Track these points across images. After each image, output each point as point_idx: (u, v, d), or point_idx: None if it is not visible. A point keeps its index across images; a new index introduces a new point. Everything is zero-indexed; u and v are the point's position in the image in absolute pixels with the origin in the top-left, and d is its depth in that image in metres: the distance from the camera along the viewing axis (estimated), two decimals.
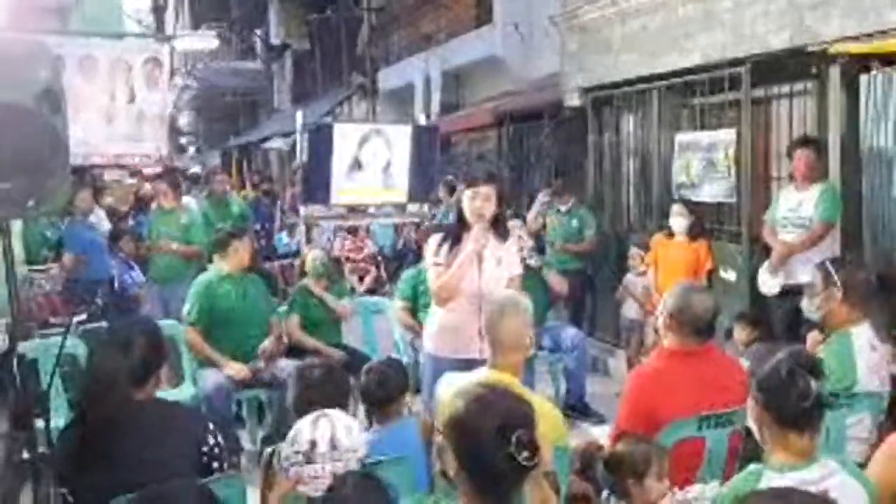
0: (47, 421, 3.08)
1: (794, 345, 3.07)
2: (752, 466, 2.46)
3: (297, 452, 2.71)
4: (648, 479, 2.94)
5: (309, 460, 2.68)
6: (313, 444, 2.70)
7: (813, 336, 4.21)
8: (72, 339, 4.93)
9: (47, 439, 3.03)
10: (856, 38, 5.40)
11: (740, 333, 5.30)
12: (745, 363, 3.42)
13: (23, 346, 3.27)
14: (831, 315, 3.67)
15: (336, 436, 2.71)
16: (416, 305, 6.03)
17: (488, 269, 4.16)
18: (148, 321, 3.19)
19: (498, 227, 4.29)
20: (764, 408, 2.46)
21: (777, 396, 2.43)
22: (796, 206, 5.56)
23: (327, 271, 6.36)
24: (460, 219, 4.26)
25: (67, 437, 2.81)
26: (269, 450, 3.16)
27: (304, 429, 2.76)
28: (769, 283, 5.63)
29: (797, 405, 2.40)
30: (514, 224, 6.08)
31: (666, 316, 3.38)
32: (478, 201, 4.17)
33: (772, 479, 2.33)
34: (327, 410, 2.85)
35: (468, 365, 3.99)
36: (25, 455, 3.06)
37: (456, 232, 4.26)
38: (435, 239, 4.35)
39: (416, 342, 5.69)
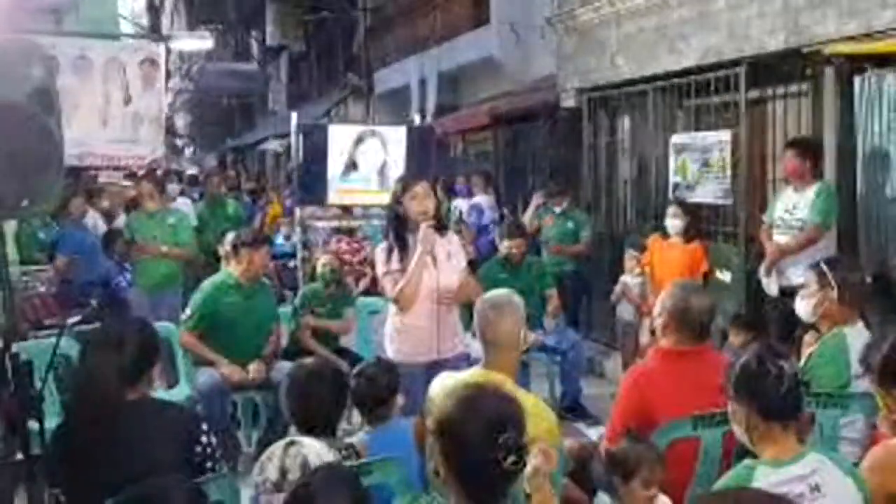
0: (41, 422, 3.08)
1: (787, 347, 3.08)
2: (745, 462, 2.47)
3: (265, 481, 2.70)
4: (634, 482, 2.94)
5: (279, 488, 2.65)
6: (283, 472, 2.67)
7: (808, 337, 4.21)
8: (66, 340, 4.91)
9: (41, 441, 3.02)
10: (850, 40, 5.41)
11: (735, 337, 5.28)
12: None
13: (17, 348, 3.26)
14: (826, 315, 3.67)
15: (307, 463, 2.68)
16: None
17: (441, 265, 4.23)
18: (141, 320, 3.17)
19: (437, 222, 4.33)
20: (744, 405, 2.48)
21: (753, 389, 2.46)
22: (792, 207, 5.55)
23: (336, 277, 6.36)
24: (399, 223, 4.29)
25: (59, 436, 2.80)
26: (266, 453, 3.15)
27: (275, 456, 2.74)
28: (769, 284, 5.63)
29: (775, 391, 2.43)
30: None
31: (665, 316, 3.37)
32: (418, 201, 4.22)
33: (765, 475, 2.34)
34: (298, 437, 2.83)
35: (432, 367, 4.05)
36: (19, 456, 3.06)
37: (400, 237, 4.30)
38: (382, 249, 4.38)
39: None
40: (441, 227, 4.35)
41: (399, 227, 4.30)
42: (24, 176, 2.86)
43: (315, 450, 2.75)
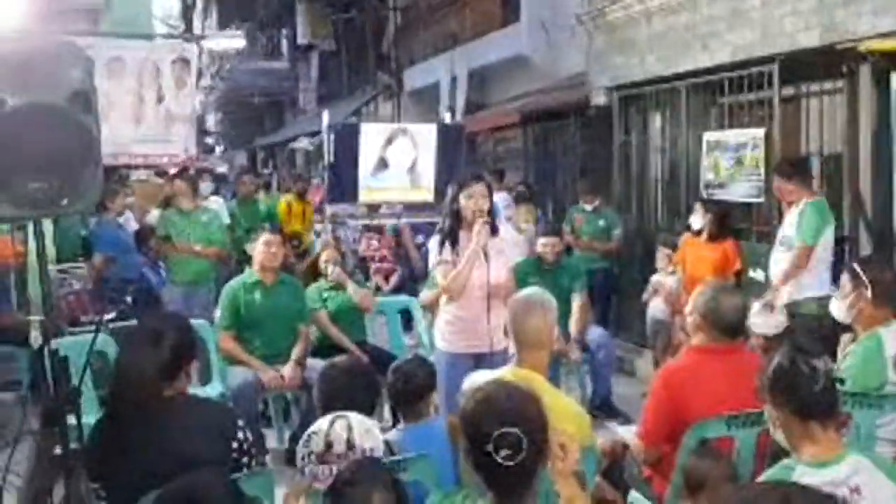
0: (79, 417, 3.12)
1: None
2: (785, 461, 2.45)
3: (311, 453, 2.73)
4: (700, 497, 2.93)
5: (324, 461, 2.69)
6: (329, 444, 2.71)
7: (845, 339, 4.17)
8: (102, 337, 4.97)
9: (79, 435, 3.06)
10: (886, 36, 5.34)
11: (756, 338, 5.22)
12: None
13: (54, 344, 3.30)
14: (860, 316, 3.63)
15: (352, 437, 2.72)
16: None
17: (492, 261, 4.43)
18: (179, 316, 3.20)
19: (490, 221, 4.52)
20: (781, 406, 2.46)
21: (788, 389, 2.45)
22: (787, 225, 5.51)
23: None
24: (455, 219, 4.51)
25: (98, 431, 2.84)
26: (313, 427, 3.18)
27: (321, 430, 2.77)
28: (762, 326, 5.33)
29: (810, 390, 2.41)
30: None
31: (695, 315, 3.37)
32: (475, 200, 4.44)
33: (804, 475, 2.32)
34: (345, 412, 2.86)
35: (481, 358, 4.29)
36: (58, 451, 3.10)
37: (453, 232, 4.51)
38: (436, 240, 4.60)
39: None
40: (494, 226, 4.53)
41: (454, 222, 4.50)
42: (63, 175, 2.91)
43: (360, 424, 2.78)
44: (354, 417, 2.81)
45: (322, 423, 2.80)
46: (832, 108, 6.13)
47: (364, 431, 2.75)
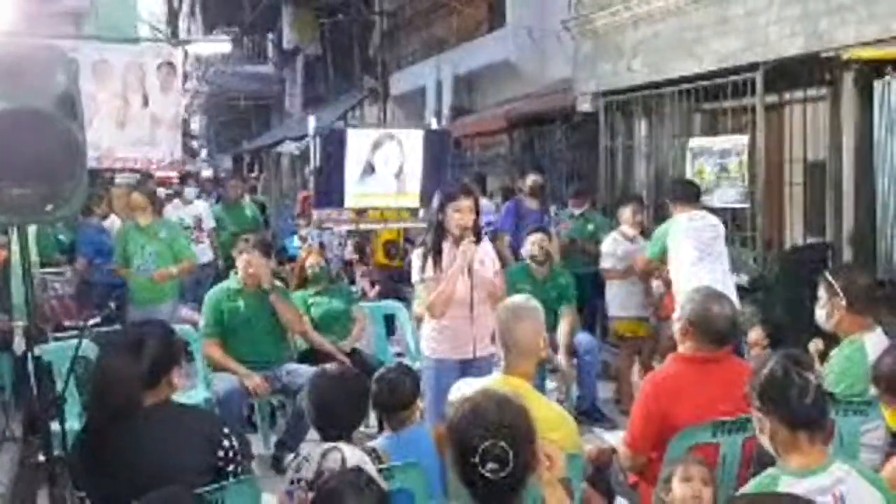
0: (62, 424, 3.10)
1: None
2: (769, 470, 2.46)
3: (300, 479, 2.72)
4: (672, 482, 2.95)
5: (313, 489, 2.67)
6: (320, 473, 2.69)
7: (814, 344, 4.19)
8: (86, 342, 4.93)
9: (62, 442, 3.04)
10: (869, 44, 5.39)
11: (756, 335, 5.26)
12: None
13: (37, 350, 3.28)
14: (841, 324, 3.62)
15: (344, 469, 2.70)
16: None
17: (476, 274, 4.36)
18: (161, 323, 3.14)
19: (475, 234, 4.44)
20: (769, 414, 2.46)
21: (778, 399, 2.44)
22: None
23: (325, 275, 6.36)
24: (438, 232, 4.41)
25: (82, 439, 2.80)
26: (290, 457, 3.16)
27: (312, 458, 2.75)
28: None
29: (800, 403, 2.41)
30: None
31: (684, 322, 3.37)
32: (461, 214, 4.34)
33: (788, 484, 2.33)
34: (339, 444, 2.85)
35: (468, 364, 4.32)
36: (41, 458, 3.08)
37: (437, 245, 4.41)
38: (418, 255, 4.50)
39: None
40: (477, 237, 4.45)
41: (437, 236, 4.41)
42: (48, 181, 2.90)
43: (354, 457, 2.76)
44: (348, 449, 2.79)
45: (314, 452, 2.78)
46: (816, 115, 6.18)
47: (356, 464, 2.73)
